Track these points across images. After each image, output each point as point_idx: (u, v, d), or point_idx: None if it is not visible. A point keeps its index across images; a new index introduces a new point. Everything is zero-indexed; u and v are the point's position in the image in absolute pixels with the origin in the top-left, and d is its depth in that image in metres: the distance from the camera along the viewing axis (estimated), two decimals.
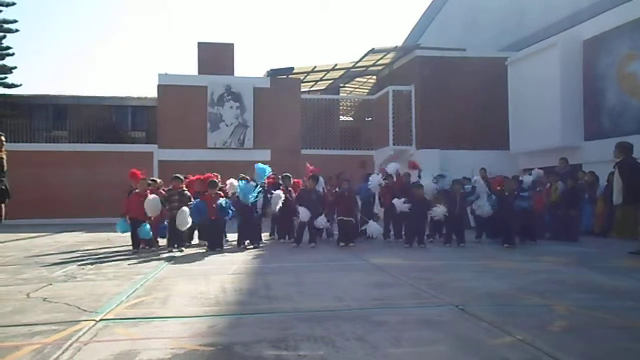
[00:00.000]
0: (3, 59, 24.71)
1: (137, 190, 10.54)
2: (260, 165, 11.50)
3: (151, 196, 10.32)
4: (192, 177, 11.89)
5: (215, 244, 10.40)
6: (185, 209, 10.16)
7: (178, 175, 10.98)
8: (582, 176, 13.54)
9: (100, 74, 73.70)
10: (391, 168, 12.63)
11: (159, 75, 20.92)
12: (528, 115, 17.35)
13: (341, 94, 27.10)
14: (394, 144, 20.06)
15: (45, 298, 5.78)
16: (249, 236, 10.94)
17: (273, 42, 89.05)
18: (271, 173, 11.80)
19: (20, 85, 25.33)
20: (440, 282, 6.73)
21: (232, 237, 11.45)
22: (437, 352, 3.91)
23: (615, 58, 14.84)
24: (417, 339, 4.20)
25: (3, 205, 9.73)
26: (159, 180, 12.14)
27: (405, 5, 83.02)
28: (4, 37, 24.51)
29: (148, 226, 10.29)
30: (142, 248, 10.51)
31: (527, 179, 12.23)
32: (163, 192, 10.94)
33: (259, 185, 10.94)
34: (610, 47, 15.03)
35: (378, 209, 12.85)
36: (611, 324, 4.69)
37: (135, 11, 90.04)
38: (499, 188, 11.28)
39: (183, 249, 10.37)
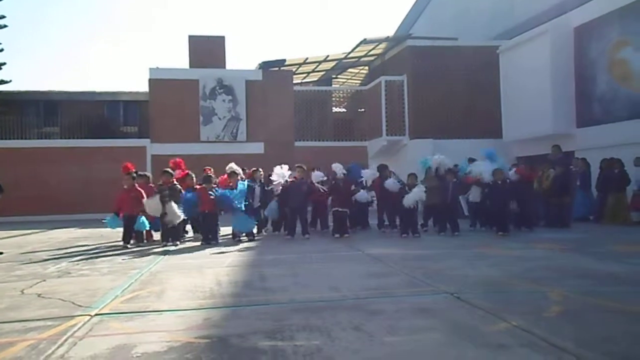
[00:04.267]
0: None
1: (125, 187, 10.65)
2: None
3: (150, 199, 10.38)
4: (181, 169, 11.82)
5: (209, 237, 10.38)
6: (173, 205, 10.20)
7: (168, 169, 10.91)
8: (576, 163, 13.57)
9: (91, 69, 73.27)
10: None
11: (150, 69, 20.80)
12: (520, 103, 17.38)
13: (333, 85, 27.02)
14: (387, 135, 20.06)
15: (40, 294, 5.75)
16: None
17: (264, 35, 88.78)
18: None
19: (10, 81, 25.03)
20: (436, 270, 6.75)
21: (226, 230, 11.43)
22: (432, 339, 3.92)
23: (606, 45, 14.87)
24: (413, 327, 4.21)
25: None
26: (148, 174, 12.15)
27: None
28: None
29: (143, 218, 10.52)
30: (132, 244, 10.57)
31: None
32: (153, 187, 10.96)
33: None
34: (601, 34, 15.05)
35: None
36: (606, 308, 4.72)
37: (126, 6, 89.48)
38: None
39: (177, 242, 10.35)
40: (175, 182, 10.61)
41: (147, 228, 10.81)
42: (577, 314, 4.53)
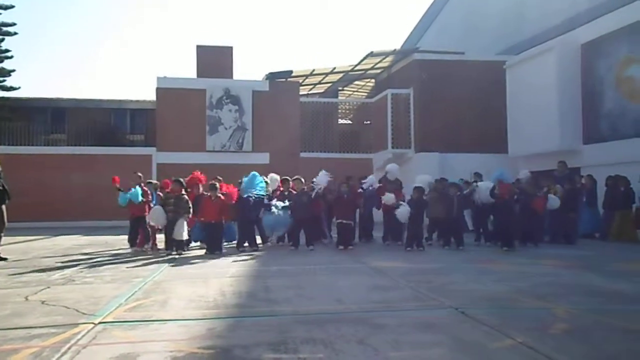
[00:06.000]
0: (2, 61, 24.65)
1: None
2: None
3: (156, 207, 10.53)
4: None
5: (214, 247, 10.38)
6: (158, 208, 10.46)
7: (179, 179, 10.85)
8: (580, 180, 13.52)
9: (99, 77, 73.61)
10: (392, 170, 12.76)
11: (158, 78, 20.87)
12: (526, 119, 17.34)
13: (340, 97, 27.07)
14: (392, 147, 20.02)
15: (44, 301, 5.75)
16: (248, 239, 10.93)
17: (272, 46, 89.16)
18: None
19: (19, 88, 25.19)
20: (440, 284, 6.72)
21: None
22: (437, 355, 3.90)
23: (613, 61, 14.85)
24: (417, 342, 4.19)
25: (4, 207, 9.70)
26: (154, 182, 12.45)
27: (404, 9, 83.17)
28: (3, 39, 24.45)
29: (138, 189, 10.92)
30: (142, 250, 10.85)
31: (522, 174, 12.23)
32: (160, 195, 11.06)
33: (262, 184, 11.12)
34: (608, 51, 15.04)
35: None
36: (612, 326, 4.69)
37: (134, 14, 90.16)
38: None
39: (182, 252, 10.35)
40: (183, 193, 10.58)
41: (140, 200, 10.89)
42: (582, 331, 4.50)
